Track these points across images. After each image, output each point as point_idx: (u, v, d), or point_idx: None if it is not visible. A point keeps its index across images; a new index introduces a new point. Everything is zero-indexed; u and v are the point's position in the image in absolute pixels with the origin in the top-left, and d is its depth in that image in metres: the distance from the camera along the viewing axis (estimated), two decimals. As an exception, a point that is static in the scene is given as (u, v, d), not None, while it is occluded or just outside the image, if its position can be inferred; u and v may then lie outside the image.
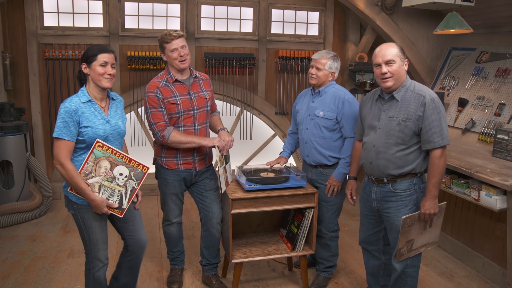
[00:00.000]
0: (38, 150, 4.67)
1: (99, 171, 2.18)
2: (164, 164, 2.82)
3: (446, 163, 2.32)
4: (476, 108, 3.89)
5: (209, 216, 2.91)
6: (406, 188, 2.38)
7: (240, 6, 5.07)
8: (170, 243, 3.06)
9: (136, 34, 4.78)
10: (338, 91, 2.88)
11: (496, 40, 3.97)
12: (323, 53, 2.88)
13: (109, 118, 2.27)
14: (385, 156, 2.37)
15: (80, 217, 2.27)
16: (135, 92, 4.83)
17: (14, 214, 4.07)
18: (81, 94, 2.22)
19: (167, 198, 2.91)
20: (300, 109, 3.02)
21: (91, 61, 2.18)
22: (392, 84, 2.33)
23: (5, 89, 4.38)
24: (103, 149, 2.15)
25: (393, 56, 2.30)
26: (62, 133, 2.12)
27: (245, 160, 5.45)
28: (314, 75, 2.86)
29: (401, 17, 4.61)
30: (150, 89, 2.70)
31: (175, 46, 2.66)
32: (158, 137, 2.69)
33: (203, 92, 2.84)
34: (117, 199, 2.24)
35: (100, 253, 2.33)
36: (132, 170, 2.22)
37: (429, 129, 2.25)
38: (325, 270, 3.12)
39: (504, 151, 3.22)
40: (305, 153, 3.00)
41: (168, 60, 2.73)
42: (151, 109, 2.69)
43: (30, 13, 4.44)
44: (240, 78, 5.14)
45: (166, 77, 2.74)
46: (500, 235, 3.15)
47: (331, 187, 2.89)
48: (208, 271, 3.05)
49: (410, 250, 2.39)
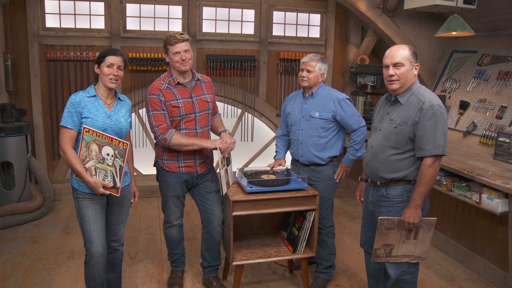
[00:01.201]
0: (39, 151, 4.67)
1: (91, 154, 2.34)
2: (166, 167, 2.82)
3: (436, 173, 2.23)
4: (478, 111, 3.89)
5: (210, 218, 2.92)
6: (399, 194, 2.35)
7: (241, 8, 5.08)
8: (171, 245, 3.05)
9: (138, 36, 4.78)
10: (330, 92, 2.97)
11: (497, 43, 3.96)
12: (312, 56, 2.97)
13: (112, 114, 2.42)
14: (379, 158, 2.36)
15: (77, 204, 2.41)
16: (136, 93, 4.84)
17: (14, 215, 4.07)
18: (88, 89, 2.42)
19: (168, 200, 2.90)
20: (292, 112, 3.07)
21: (100, 62, 2.38)
22: (398, 87, 2.31)
23: (6, 90, 4.38)
24: (89, 133, 2.31)
25: (402, 58, 2.27)
26: (66, 122, 2.33)
27: (246, 162, 5.45)
28: (305, 77, 2.93)
29: (403, 20, 4.61)
30: (152, 91, 2.70)
31: (178, 49, 2.66)
32: (160, 140, 2.68)
33: (204, 95, 2.84)
34: (110, 179, 2.36)
35: (93, 247, 2.39)
36: (115, 149, 2.34)
37: (422, 136, 2.20)
38: (324, 271, 3.12)
39: (506, 154, 3.22)
40: (299, 153, 3.04)
41: (170, 61, 2.73)
42: (153, 111, 2.68)
43: (32, 14, 4.45)
44: (241, 80, 5.14)
45: (169, 79, 2.74)
46: (501, 238, 3.14)
47: (341, 171, 3.02)
48: (208, 273, 3.05)
49: (389, 255, 2.37)
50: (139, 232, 4.01)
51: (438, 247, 3.78)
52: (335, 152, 2.98)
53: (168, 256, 3.13)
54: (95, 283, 2.47)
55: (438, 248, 3.78)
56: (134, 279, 3.17)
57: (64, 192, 4.78)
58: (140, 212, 4.52)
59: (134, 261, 3.44)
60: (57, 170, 4.79)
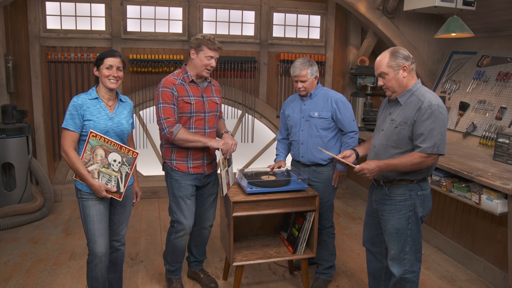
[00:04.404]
0: (40, 152, 4.68)
1: (96, 158, 2.36)
2: (174, 167, 2.79)
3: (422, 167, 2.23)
4: (477, 112, 3.90)
5: (205, 218, 2.98)
6: (401, 193, 2.35)
7: (242, 10, 5.09)
8: (179, 255, 2.94)
9: (138, 37, 4.80)
10: (327, 92, 3.01)
11: (497, 44, 3.97)
12: (299, 65, 2.93)
13: (113, 116, 2.43)
14: (381, 158, 2.37)
15: (81, 204, 2.43)
16: (137, 94, 4.85)
17: (15, 216, 4.07)
18: (90, 92, 2.44)
19: (181, 201, 2.81)
20: (291, 114, 3.09)
21: (99, 64, 2.39)
22: (391, 94, 2.35)
23: (7, 91, 4.40)
24: (96, 138, 2.33)
25: (383, 68, 2.29)
26: (68, 124, 2.34)
27: (246, 163, 5.46)
28: (302, 88, 2.96)
29: (402, 21, 4.62)
30: (166, 84, 2.69)
31: (213, 55, 2.69)
32: (166, 133, 2.66)
33: (214, 97, 2.86)
34: (114, 183, 2.40)
35: (97, 246, 2.41)
36: (124, 156, 2.39)
37: (419, 134, 2.21)
38: (324, 272, 3.13)
39: (505, 155, 3.23)
40: (299, 154, 3.05)
41: (196, 61, 2.71)
42: (163, 104, 2.67)
43: (33, 16, 4.46)
44: (242, 81, 5.16)
45: (183, 76, 2.75)
46: (501, 239, 3.15)
47: (337, 176, 3.01)
48: (195, 266, 3.14)
49: None
50: (139, 233, 4.02)
51: (438, 248, 3.79)
52: (335, 152, 2.99)
53: (170, 266, 2.98)
54: (97, 282, 2.49)
55: (438, 249, 3.78)
56: (135, 280, 3.18)
57: (65, 193, 4.79)
58: (141, 213, 4.53)
59: (134, 262, 3.45)
60: (58, 171, 4.80)
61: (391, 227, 2.38)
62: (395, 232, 2.37)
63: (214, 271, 3.30)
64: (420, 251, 2.42)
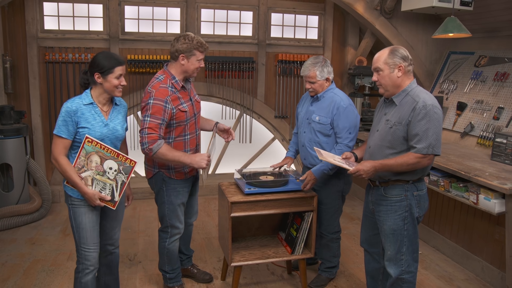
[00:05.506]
0: (38, 153, 4.67)
1: (90, 165, 2.27)
2: (173, 176, 2.74)
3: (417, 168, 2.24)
4: (475, 112, 3.91)
5: (191, 215, 3.05)
6: (397, 193, 2.35)
7: (239, 10, 5.09)
8: (174, 260, 2.92)
9: (136, 38, 4.79)
10: (335, 96, 2.86)
11: (494, 44, 3.98)
12: (309, 65, 2.82)
13: (108, 122, 2.34)
14: (376, 158, 2.37)
15: (72, 211, 2.34)
16: (134, 95, 4.84)
17: (13, 217, 4.07)
18: (84, 96, 2.30)
19: (177, 208, 2.81)
20: (300, 112, 3.06)
21: (107, 73, 2.25)
22: (383, 92, 2.35)
23: (5, 92, 4.39)
24: (92, 144, 2.24)
25: (379, 63, 2.29)
26: (61, 131, 2.23)
27: (244, 163, 5.46)
28: (311, 88, 2.89)
29: (400, 21, 4.63)
30: (159, 97, 2.53)
31: (203, 57, 2.66)
32: (145, 148, 2.52)
33: (196, 96, 2.85)
34: (109, 192, 2.32)
35: (88, 254, 2.35)
36: (120, 164, 2.31)
37: (414, 135, 2.21)
38: (326, 270, 3.13)
39: (503, 154, 3.23)
40: (302, 155, 3.04)
41: (187, 66, 2.62)
42: (151, 117, 2.52)
43: (30, 17, 4.46)
44: (240, 82, 5.16)
45: (171, 82, 2.62)
46: (499, 239, 3.16)
47: (309, 180, 2.80)
48: (187, 264, 3.17)
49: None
50: (137, 234, 4.02)
51: (436, 248, 3.80)
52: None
53: (168, 274, 2.93)
54: None
55: (436, 249, 3.79)
56: (133, 281, 3.17)
57: (62, 194, 4.77)
58: (139, 214, 4.53)
59: (132, 263, 3.45)
60: (56, 172, 4.80)
61: (387, 228, 2.38)
62: (391, 233, 2.37)
63: (213, 272, 3.30)
64: (417, 251, 2.43)
